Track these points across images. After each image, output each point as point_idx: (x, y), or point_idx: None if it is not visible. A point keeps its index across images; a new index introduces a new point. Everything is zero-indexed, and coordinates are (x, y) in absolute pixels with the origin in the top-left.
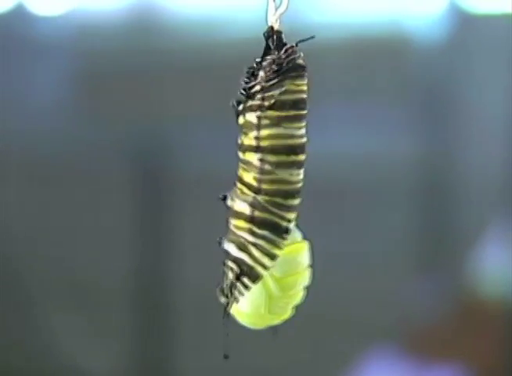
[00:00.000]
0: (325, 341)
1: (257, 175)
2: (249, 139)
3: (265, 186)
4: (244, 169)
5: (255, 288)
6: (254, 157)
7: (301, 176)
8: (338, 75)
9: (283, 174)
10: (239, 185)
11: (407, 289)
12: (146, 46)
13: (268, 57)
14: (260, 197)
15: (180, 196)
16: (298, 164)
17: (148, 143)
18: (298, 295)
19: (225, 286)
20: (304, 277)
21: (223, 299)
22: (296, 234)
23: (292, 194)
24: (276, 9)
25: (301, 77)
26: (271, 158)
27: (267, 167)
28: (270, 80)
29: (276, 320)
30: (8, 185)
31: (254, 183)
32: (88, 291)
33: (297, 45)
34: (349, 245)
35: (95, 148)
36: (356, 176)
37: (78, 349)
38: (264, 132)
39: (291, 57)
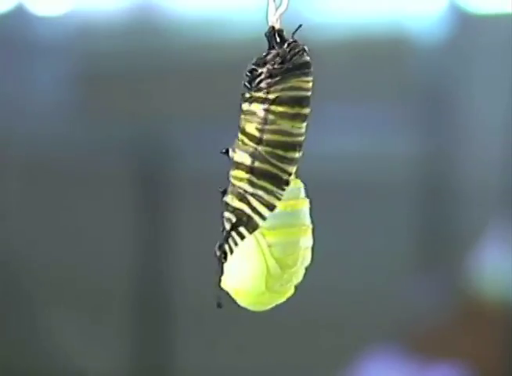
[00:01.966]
0: (325, 341)
1: (259, 126)
2: (259, 92)
3: (266, 137)
4: (247, 120)
5: (255, 266)
6: (259, 107)
7: (303, 130)
8: (338, 75)
9: (285, 125)
10: (240, 136)
11: (407, 289)
12: (147, 47)
13: (272, 51)
14: (261, 148)
15: (180, 197)
16: (302, 117)
17: (148, 144)
18: (299, 273)
19: (223, 241)
20: (305, 256)
21: (218, 252)
22: (306, 219)
23: (293, 146)
24: (276, 9)
25: (307, 72)
26: (276, 108)
27: (271, 117)
28: (276, 71)
29: (277, 299)
30: (8, 185)
31: (257, 133)
32: (87, 291)
33: (292, 37)
34: (349, 245)
35: (94, 148)
36: (356, 176)
37: (78, 350)
38: (274, 87)
39: (295, 50)
